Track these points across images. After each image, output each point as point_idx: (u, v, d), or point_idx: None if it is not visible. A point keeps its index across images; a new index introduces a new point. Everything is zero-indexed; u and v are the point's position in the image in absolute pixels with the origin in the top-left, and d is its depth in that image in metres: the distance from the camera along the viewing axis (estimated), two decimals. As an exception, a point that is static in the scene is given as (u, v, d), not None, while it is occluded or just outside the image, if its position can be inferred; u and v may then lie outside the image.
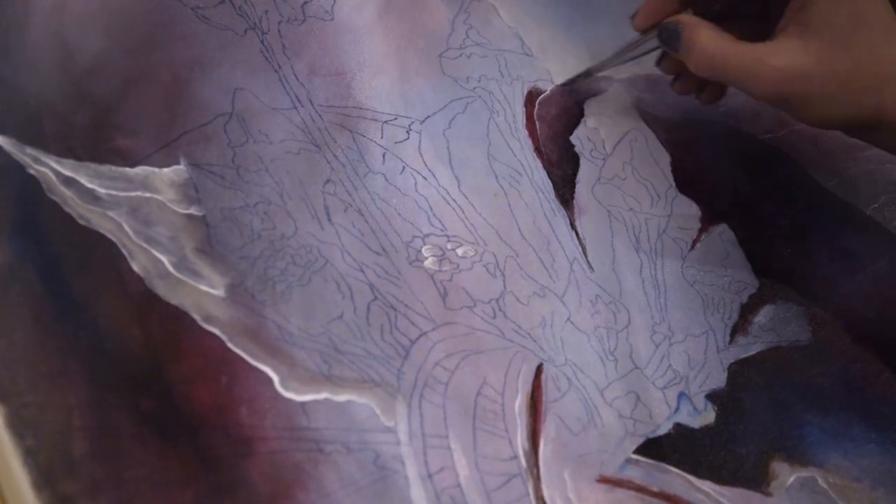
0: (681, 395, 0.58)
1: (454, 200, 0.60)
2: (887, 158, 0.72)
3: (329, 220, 0.56)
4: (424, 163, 0.61)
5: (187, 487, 0.45)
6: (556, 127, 0.66)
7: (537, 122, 0.66)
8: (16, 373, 0.46)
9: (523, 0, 0.71)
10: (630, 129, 0.68)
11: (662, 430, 0.56)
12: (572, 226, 0.63)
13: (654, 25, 0.61)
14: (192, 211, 0.54)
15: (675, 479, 0.55)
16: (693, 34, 0.56)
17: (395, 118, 0.62)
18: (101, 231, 0.51)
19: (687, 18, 0.57)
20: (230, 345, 0.50)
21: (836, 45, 0.53)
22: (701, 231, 0.65)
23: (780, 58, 0.53)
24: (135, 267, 0.51)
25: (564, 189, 0.64)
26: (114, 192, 0.52)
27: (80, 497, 0.44)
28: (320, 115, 0.60)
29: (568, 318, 0.58)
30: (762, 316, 0.63)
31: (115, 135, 0.54)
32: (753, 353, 0.61)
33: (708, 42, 0.55)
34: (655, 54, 0.64)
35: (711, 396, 0.59)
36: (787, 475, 0.57)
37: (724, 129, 0.69)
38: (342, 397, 0.51)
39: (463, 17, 0.68)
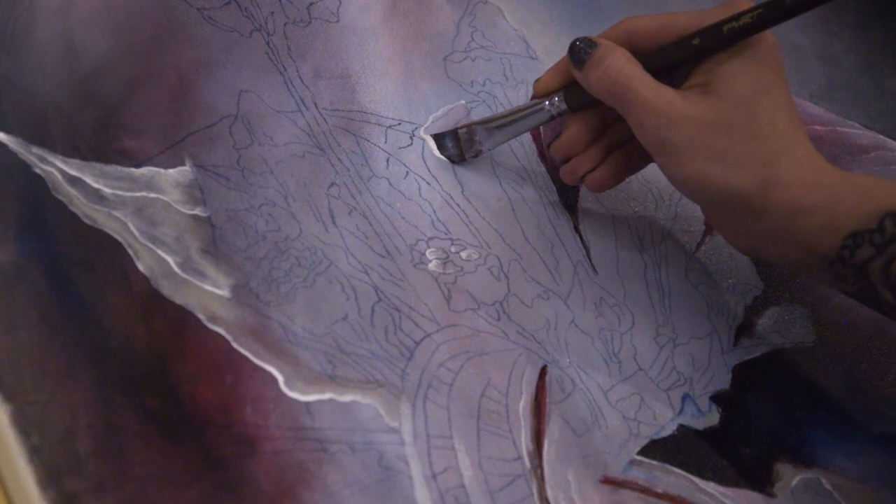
0: (685, 397, 0.58)
1: (458, 205, 0.60)
2: (891, 160, 0.72)
3: (333, 222, 0.57)
4: (428, 168, 0.61)
5: (192, 486, 0.45)
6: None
7: (541, 127, 0.66)
8: (21, 371, 0.46)
9: (529, 2, 0.71)
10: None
11: (666, 432, 0.56)
12: (576, 229, 0.63)
13: (554, 91, 0.59)
14: (198, 212, 0.54)
15: (678, 480, 0.55)
16: (606, 51, 0.54)
17: (399, 123, 0.62)
18: (107, 231, 0.51)
19: (603, 40, 0.56)
20: (235, 345, 0.50)
21: (736, 107, 0.52)
22: (705, 233, 0.65)
23: (680, 99, 0.53)
24: (140, 267, 0.51)
25: (568, 193, 0.64)
26: (119, 192, 0.53)
27: (85, 495, 0.44)
28: (325, 119, 0.60)
29: (572, 321, 0.58)
30: (766, 318, 0.63)
31: (120, 135, 0.54)
32: (758, 354, 0.61)
33: (618, 60, 0.54)
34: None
35: (715, 398, 0.59)
36: (791, 476, 0.57)
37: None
38: (346, 398, 0.51)
39: (468, 19, 0.68)
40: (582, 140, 0.59)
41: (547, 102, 0.59)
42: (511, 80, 0.67)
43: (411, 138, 0.62)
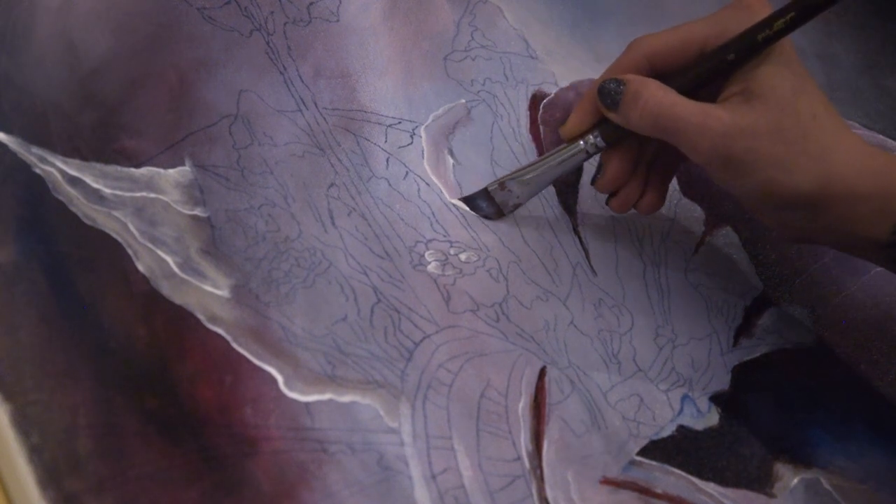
0: (684, 398, 0.58)
1: (456, 207, 0.60)
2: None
3: (333, 223, 0.57)
4: (427, 168, 0.61)
5: (191, 486, 0.45)
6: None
7: (541, 127, 0.66)
8: (21, 371, 0.46)
9: (529, 1, 0.71)
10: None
11: (666, 433, 0.56)
12: (575, 231, 0.63)
13: (584, 133, 0.59)
14: (197, 212, 0.54)
15: (678, 480, 0.55)
16: (639, 87, 0.54)
17: (399, 122, 0.62)
18: (107, 231, 0.51)
19: (631, 75, 0.56)
20: (234, 345, 0.50)
21: (782, 110, 0.52)
22: (705, 234, 0.65)
23: (727, 113, 0.52)
24: (140, 267, 0.51)
25: (567, 194, 0.64)
26: (119, 193, 0.53)
27: (84, 494, 0.44)
28: (325, 118, 0.60)
29: (571, 322, 0.58)
30: (766, 318, 0.63)
31: (120, 135, 0.54)
32: (757, 355, 0.61)
33: (654, 93, 0.53)
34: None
35: (715, 398, 0.59)
36: (790, 477, 0.57)
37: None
38: (346, 398, 0.51)
39: (468, 18, 0.68)
40: (625, 171, 0.59)
41: (582, 143, 0.58)
42: (511, 80, 0.67)
43: (411, 137, 0.62)
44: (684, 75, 0.55)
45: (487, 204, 0.61)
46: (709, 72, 0.54)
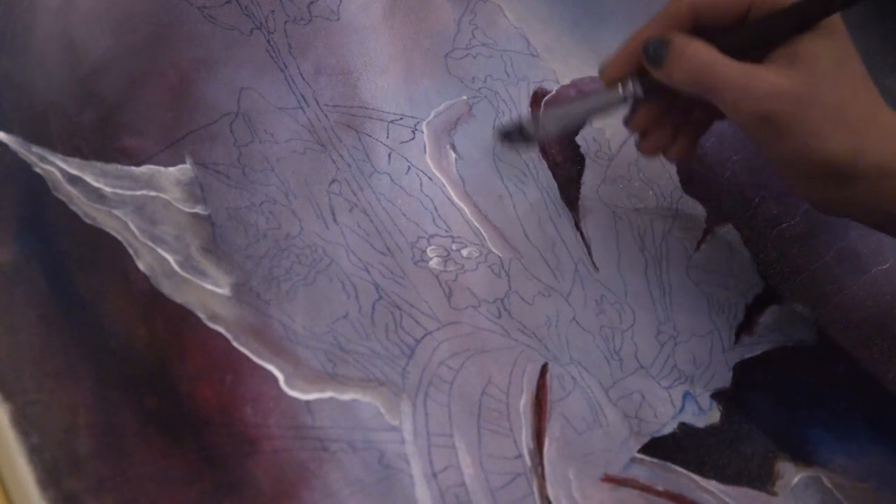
0: (686, 395, 0.58)
1: (458, 202, 0.60)
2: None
3: (334, 219, 0.57)
4: (429, 163, 0.61)
5: (192, 485, 0.45)
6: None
7: (542, 124, 0.66)
8: (21, 371, 0.46)
9: (529, 0, 0.71)
10: (635, 129, 0.68)
11: (667, 430, 0.56)
12: (577, 226, 0.63)
13: (623, 78, 0.58)
14: (198, 210, 0.54)
15: (679, 478, 0.55)
16: (684, 43, 0.54)
17: (401, 118, 0.62)
18: (107, 230, 0.51)
19: (676, 33, 0.55)
20: (235, 343, 0.50)
21: (823, 77, 0.52)
22: (706, 231, 0.65)
23: (771, 75, 0.52)
24: (140, 266, 0.51)
25: (569, 190, 0.64)
26: (119, 191, 0.53)
27: (84, 495, 0.44)
28: (326, 115, 0.60)
29: (573, 318, 0.58)
30: (767, 316, 0.63)
31: (120, 134, 0.54)
32: (759, 353, 0.61)
33: (698, 51, 0.53)
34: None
35: (716, 396, 0.59)
36: (792, 475, 0.57)
37: (730, 130, 0.69)
38: (347, 396, 0.51)
39: (469, 17, 0.68)
40: (658, 114, 0.59)
41: (621, 89, 0.57)
42: (512, 77, 0.67)
43: (413, 133, 0.62)
44: (739, 37, 0.55)
45: (518, 133, 0.61)
46: (760, 36, 0.54)
